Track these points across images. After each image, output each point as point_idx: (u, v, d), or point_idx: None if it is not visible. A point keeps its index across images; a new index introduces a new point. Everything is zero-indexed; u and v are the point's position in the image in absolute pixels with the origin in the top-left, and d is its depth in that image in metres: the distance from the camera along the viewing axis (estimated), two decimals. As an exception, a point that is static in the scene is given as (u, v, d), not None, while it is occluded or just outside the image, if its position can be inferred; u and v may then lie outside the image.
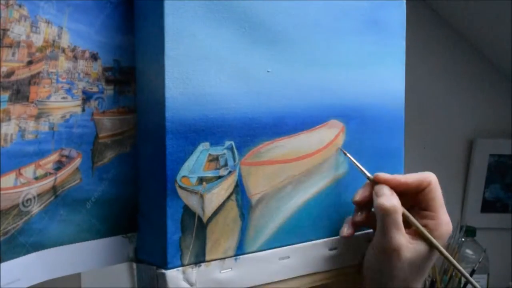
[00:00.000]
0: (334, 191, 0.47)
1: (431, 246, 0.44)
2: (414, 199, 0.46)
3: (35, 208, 0.38)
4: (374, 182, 0.46)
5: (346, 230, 0.46)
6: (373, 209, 0.46)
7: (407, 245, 0.43)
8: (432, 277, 1.09)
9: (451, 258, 0.45)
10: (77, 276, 0.86)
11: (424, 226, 0.45)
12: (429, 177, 0.46)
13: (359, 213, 0.47)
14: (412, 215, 0.45)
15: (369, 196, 0.46)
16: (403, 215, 0.44)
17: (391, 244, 0.43)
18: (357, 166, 0.47)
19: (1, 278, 0.35)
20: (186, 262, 0.40)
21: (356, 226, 0.47)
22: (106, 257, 0.42)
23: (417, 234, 0.45)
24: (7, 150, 0.35)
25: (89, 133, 0.40)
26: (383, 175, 0.45)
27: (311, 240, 0.46)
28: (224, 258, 0.41)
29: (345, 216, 0.48)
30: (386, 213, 0.43)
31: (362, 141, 0.49)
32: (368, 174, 0.46)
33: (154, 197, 0.40)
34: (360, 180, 0.49)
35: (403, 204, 0.44)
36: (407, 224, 0.45)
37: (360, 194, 0.46)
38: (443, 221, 0.45)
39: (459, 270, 0.46)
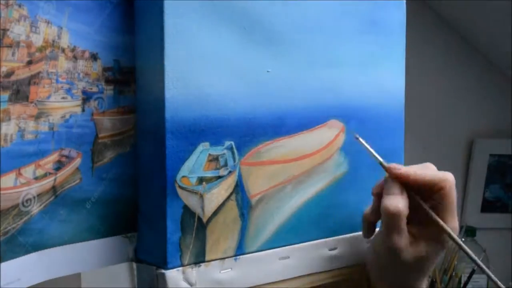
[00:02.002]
0: (334, 191, 0.47)
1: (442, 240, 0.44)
2: (429, 198, 0.45)
3: (35, 208, 0.38)
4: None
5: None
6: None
7: (407, 248, 0.43)
8: (432, 277, 1.09)
9: (465, 247, 0.45)
10: (77, 276, 0.86)
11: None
12: (444, 181, 0.44)
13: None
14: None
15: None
16: (415, 206, 0.43)
17: (391, 245, 0.43)
18: (372, 153, 0.45)
19: (1, 278, 0.35)
20: (186, 262, 0.40)
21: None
22: (106, 257, 0.42)
23: (420, 236, 0.44)
24: (7, 150, 0.35)
25: (89, 133, 0.40)
26: (396, 169, 0.44)
27: (311, 240, 0.46)
28: (224, 258, 0.41)
29: (345, 216, 0.48)
30: (389, 216, 0.42)
31: (362, 141, 0.49)
32: (384, 164, 0.45)
33: (154, 197, 0.40)
34: (360, 180, 0.49)
35: (421, 197, 0.44)
36: (412, 219, 0.44)
37: (378, 186, 0.46)
38: (453, 229, 0.44)
39: (475, 262, 0.45)
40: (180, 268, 0.39)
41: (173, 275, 0.39)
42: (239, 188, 0.42)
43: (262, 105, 0.43)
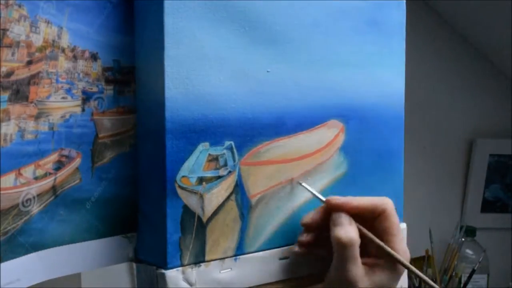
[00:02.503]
0: (333, 191, 0.47)
1: (398, 264, 0.43)
2: (371, 226, 0.44)
3: (35, 208, 0.38)
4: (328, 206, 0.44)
5: (296, 248, 0.44)
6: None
7: (362, 278, 0.42)
8: (432, 277, 1.09)
9: (417, 271, 0.44)
10: (77, 276, 0.86)
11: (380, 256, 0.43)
12: (384, 204, 0.44)
13: (305, 234, 0.44)
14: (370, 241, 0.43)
15: (320, 220, 0.44)
16: (365, 237, 0.43)
17: (347, 277, 0.41)
18: (311, 191, 0.45)
19: (1, 278, 0.35)
20: (185, 262, 0.40)
21: (303, 246, 0.44)
22: (106, 257, 0.42)
23: (374, 265, 0.43)
24: (7, 150, 0.35)
25: (89, 133, 0.40)
26: (336, 200, 0.43)
27: (311, 240, 0.46)
28: (223, 258, 0.41)
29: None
30: (343, 246, 0.41)
31: (361, 141, 0.49)
32: (322, 198, 0.44)
33: (154, 197, 0.40)
34: (360, 180, 0.49)
35: (364, 226, 0.43)
36: (364, 251, 0.43)
37: (310, 217, 0.44)
38: (399, 251, 0.43)
39: (423, 279, 0.44)
40: (180, 268, 0.39)
41: (173, 275, 0.39)
42: (238, 188, 0.42)
43: (262, 105, 0.43)
